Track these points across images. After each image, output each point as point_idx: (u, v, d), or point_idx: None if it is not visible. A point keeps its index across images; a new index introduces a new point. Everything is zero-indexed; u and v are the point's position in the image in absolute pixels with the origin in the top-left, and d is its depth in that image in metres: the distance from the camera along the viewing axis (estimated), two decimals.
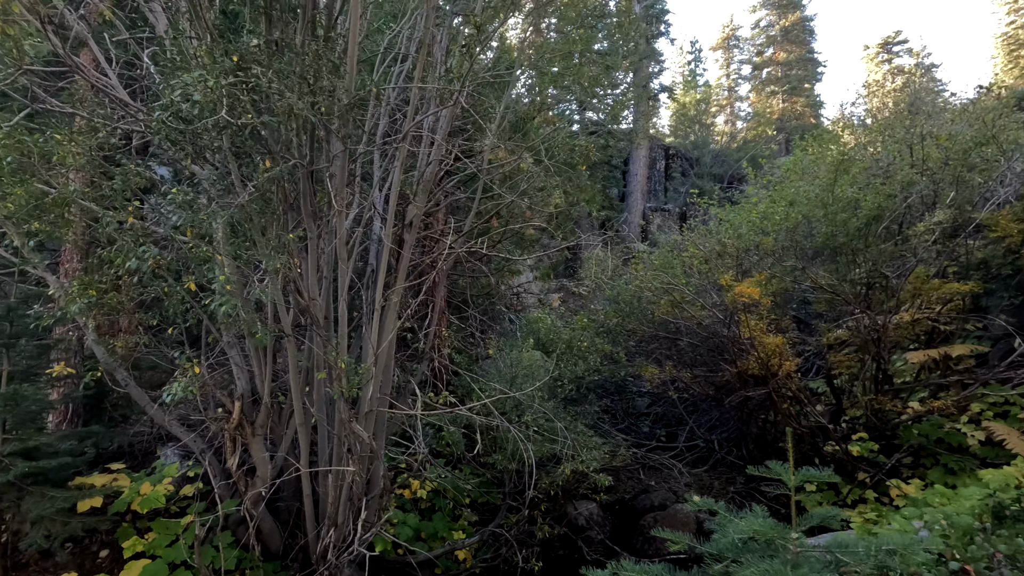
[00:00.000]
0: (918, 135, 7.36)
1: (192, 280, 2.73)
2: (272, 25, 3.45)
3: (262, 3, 3.27)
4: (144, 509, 3.81)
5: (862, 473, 6.05)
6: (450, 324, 9.12)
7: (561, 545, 6.37)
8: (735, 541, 2.02)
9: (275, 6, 3.32)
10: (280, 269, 2.95)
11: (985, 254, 5.90)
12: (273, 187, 2.93)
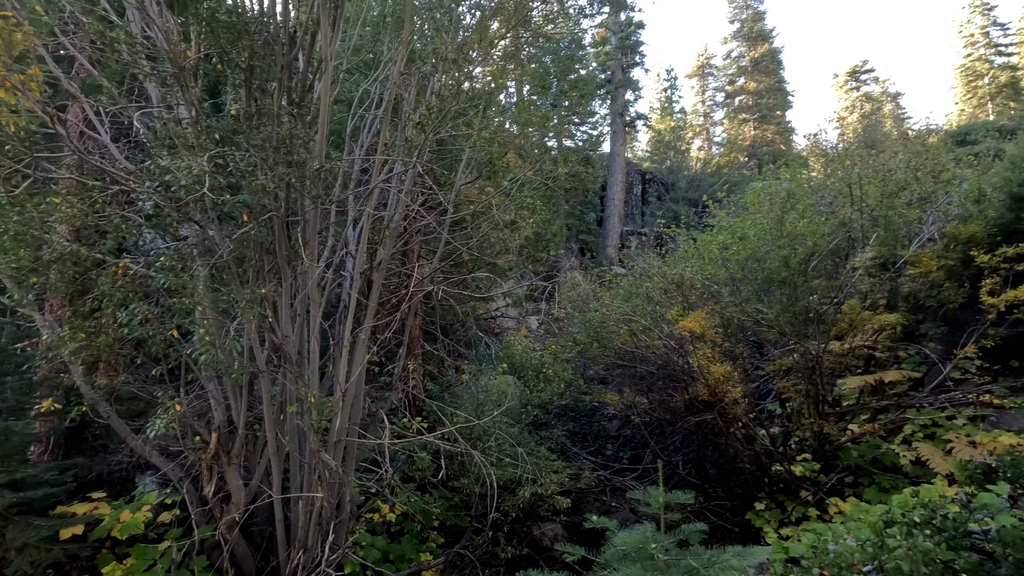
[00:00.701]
0: (856, 175, 8.00)
1: (174, 327, 3.08)
2: (252, 94, 3.88)
3: (243, 77, 3.70)
4: (123, 536, 4.08)
5: (805, 492, 6.49)
6: (424, 352, 9.47)
7: (525, 564, 6.67)
8: (618, 552, 2.41)
9: (255, 81, 3.74)
10: (253, 319, 3.32)
11: (911, 288, 6.46)
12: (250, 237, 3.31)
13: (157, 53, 3.68)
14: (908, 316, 6.80)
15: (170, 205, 2.78)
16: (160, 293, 3.02)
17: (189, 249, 3.18)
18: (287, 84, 4.09)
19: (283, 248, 4.23)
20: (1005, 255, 5.78)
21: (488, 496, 5.55)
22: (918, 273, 6.37)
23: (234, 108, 4.02)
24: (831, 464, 6.82)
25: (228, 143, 3.16)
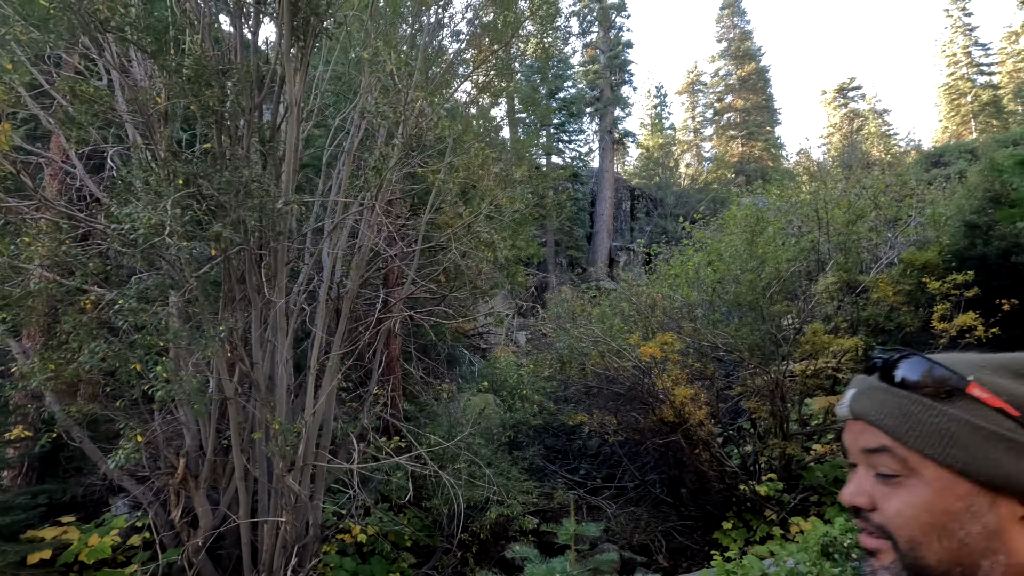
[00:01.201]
0: (822, 200, 8.26)
1: (137, 362, 3.23)
2: (220, 135, 4.08)
3: (214, 119, 3.90)
4: (91, 560, 4.19)
5: (769, 511, 6.65)
6: (405, 373, 9.61)
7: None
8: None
9: (224, 122, 3.94)
10: (212, 356, 3.48)
11: (870, 312, 6.68)
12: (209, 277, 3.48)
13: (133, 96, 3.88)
14: (868, 339, 7.01)
15: (130, 251, 2.96)
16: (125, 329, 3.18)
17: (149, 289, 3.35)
18: (257, 124, 4.30)
19: (253, 278, 4.40)
20: (955, 281, 6.01)
21: (455, 517, 5.68)
22: (876, 298, 6.59)
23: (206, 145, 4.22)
24: (796, 484, 6.99)
25: (192, 185, 3.35)
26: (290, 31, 3.57)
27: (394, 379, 9.25)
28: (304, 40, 3.70)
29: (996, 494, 0.57)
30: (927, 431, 0.60)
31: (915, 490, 0.60)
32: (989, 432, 0.58)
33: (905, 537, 0.60)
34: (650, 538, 7.17)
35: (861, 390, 0.69)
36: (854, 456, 0.67)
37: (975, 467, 0.57)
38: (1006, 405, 0.59)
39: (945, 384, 0.61)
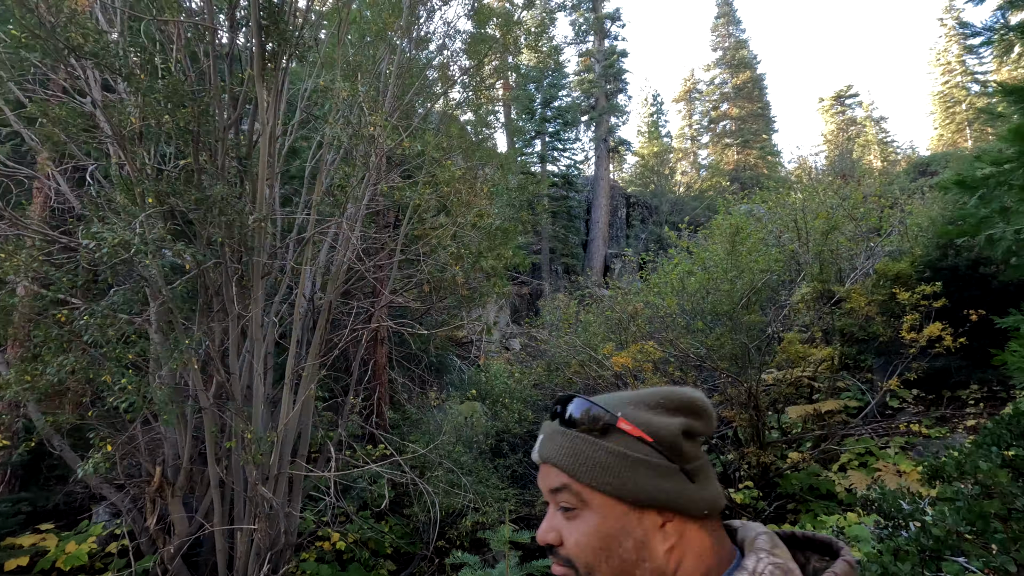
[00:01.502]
0: (800, 211, 8.38)
1: (106, 374, 3.35)
2: (199, 151, 4.22)
3: (190, 137, 4.04)
4: (67, 567, 4.29)
5: (746, 518, 6.72)
6: (391, 380, 9.71)
7: None
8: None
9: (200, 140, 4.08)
10: (179, 368, 3.60)
11: (844, 323, 6.78)
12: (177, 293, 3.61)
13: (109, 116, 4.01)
14: (843, 349, 7.11)
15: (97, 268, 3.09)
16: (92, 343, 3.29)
17: (115, 304, 3.47)
18: (233, 142, 4.43)
19: (229, 289, 4.53)
20: (924, 292, 6.11)
21: (434, 524, 5.77)
22: (850, 308, 6.70)
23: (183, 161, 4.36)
24: (774, 492, 7.07)
25: (164, 203, 3.48)
26: (260, 56, 3.71)
27: (380, 387, 9.37)
28: (274, 63, 3.84)
29: (642, 510, 0.67)
30: (591, 464, 0.68)
31: (587, 520, 0.68)
32: (634, 459, 0.68)
33: (582, 563, 0.68)
34: None
35: (547, 436, 0.76)
36: (547, 497, 0.74)
37: (626, 490, 0.67)
38: (644, 434, 0.69)
39: (599, 421, 0.70)
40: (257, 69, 3.80)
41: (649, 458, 0.68)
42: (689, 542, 0.67)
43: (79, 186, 5.44)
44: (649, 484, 0.67)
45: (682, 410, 0.72)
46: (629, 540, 0.66)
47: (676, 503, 0.67)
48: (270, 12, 3.67)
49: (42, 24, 2.98)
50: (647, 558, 0.66)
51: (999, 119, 3.84)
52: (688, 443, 0.70)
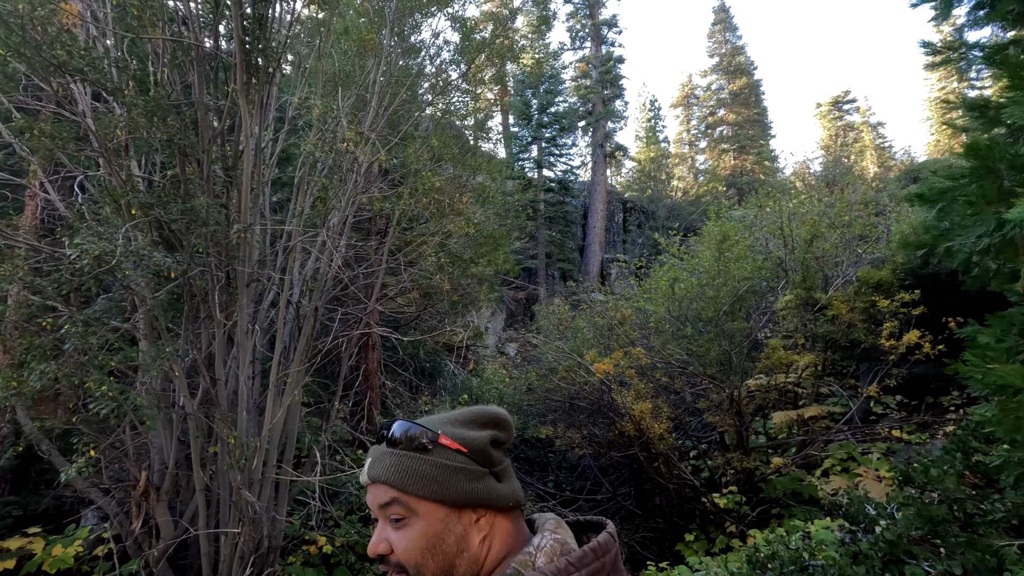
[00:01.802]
0: (786, 218, 8.48)
1: (90, 380, 3.44)
2: (185, 162, 4.32)
3: (176, 149, 4.14)
4: (53, 570, 4.37)
5: (729, 523, 6.79)
6: (383, 386, 9.79)
7: None
8: None
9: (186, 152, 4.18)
10: (158, 375, 3.69)
11: (826, 330, 6.87)
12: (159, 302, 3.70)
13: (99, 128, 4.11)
14: (826, 355, 7.20)
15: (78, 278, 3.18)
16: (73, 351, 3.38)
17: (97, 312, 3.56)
18: (219, 154, 4.54)
19: (214, 299, 4.62)
20: (903, 300, 6.20)
21: None
22: (832, 315, 6.78)
23: (169, 172, 4.46)
24: (758, 497, 7.14)
25: (148, 214, 3.57)
26: (243, 71, 3.81)
27: (371, 393, 9.44)
28: (257, 78, 3.94)
29: (461, 510, 0.81)
30: (418, 477, 0.80)
31: (416, 526, 0.80)
32: (454, 468, 0.81)
33: (413, 564, 0.79)
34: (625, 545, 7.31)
35: (375, 458, 0.85)
36: (376, 513, 0.85)
37: (447, 495, 0.79)
38: (461, 447, 0.82)
39: (422, 439, 0.82)
40: (240, 84, 3.91)
41: (466, 466, 0.82)
42: (497, 530, 0.82)
43: (70, 195, 5.54)
44: (467, 487, 0.80)
45: (490, 424, 0.88)
46: (452, 536, 0.79)
47: (488, 500, 0.82)
48: (253, 28, 3.77)
49: (26, 42, 3.08)
50: (466, 548, 0.80)
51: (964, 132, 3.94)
52: (495, 450, 0.86)
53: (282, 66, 4.01)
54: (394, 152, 5.69)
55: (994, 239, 3.01)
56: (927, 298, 6.58)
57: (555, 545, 0.80)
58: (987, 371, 2.54)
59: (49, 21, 3.18)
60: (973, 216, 2.88)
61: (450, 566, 0.79)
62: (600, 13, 30.23)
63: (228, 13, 3.68)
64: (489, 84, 6.78)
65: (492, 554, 0.81)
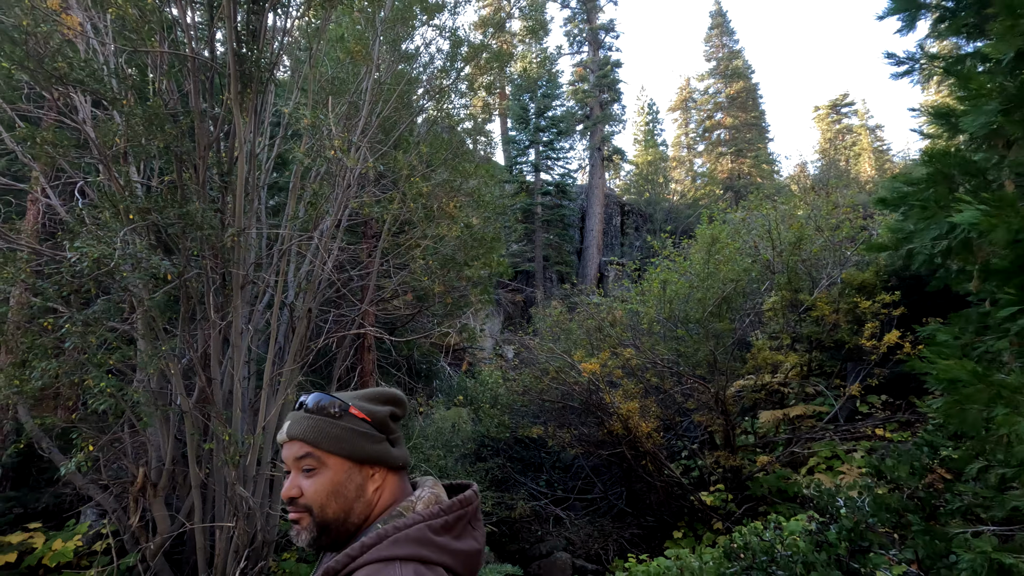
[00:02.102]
0: (774, 221, 8.63)
1: (89, 378, 3.58)
2: (182, 168, 4.47)
3: (173, 156, 4.30)
4: (53, 563, 4.51)
5: (716, 520, 6.92)
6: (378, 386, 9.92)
7: None
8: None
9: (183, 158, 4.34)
10: (154, 373, 3.84)
11: (810, 331, 7.01)
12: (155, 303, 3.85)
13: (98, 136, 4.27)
14: (812, 356, 7.34)
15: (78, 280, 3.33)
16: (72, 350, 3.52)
17: (95, 313, 3.71)
18: (215, 159, 4.70)
19: (210, 298, 4.77)
20: (883, 301, 6.34)
21: None
22: (816, 316, 6.92)
23: (166, 178, 4.62)
24: (743, 494, 7.26)
25: (144, 218, 3.73)
26: (237, 81, 3.97)
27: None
28: (251, 87, 4.10)
29: (361, 465, 1.03)
30: (331, 437, 1.01)
31: (325, 475, 1.01)
32: (359, 432, 1.03)
33: (318, 504, 0.99)
34: (603, 547, 7.44)
35: (293, 421, 1.05)
36: (290, 465, 1.04)
37: (352, 452, 1.02)
38: (366, 416, 1.05)
39: (335, 408, 1.04)
40: (234, 93, 4.06)
41: (369, 432, 1.05)
42: (388, 484, 1.06)
43: (71, 199, 5.70)
44: (368, 448, 1.03)
45: (389, 401, 1.11)
46: (352, 485, 1.02)
47: (383, 460, 1.04)
48: (247, 40, 3.93)
49: (29, 55, 3.24)
50: (362, 495, 1.02)
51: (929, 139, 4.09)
52: (392, 423, 1.09)
53: (275, 76, 4.17)
54: (386, 158, 5.85)
55: (952, 241, 3.16)
56: (909, 299, 6.73)
57: (431, 496, 1.03)
58: (937, 366, 2.68)
59: (50, 35, 3.34)
60: (927, 220, 3.03)
61: (348, 508, 1.00)
62: (597, 18, 30.48)
63: (222, 25, 3.84)
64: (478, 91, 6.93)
65: (382, 502, 1.03)
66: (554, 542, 7.72)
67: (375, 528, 0.98)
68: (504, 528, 8.30)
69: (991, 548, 2.40)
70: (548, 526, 8.71)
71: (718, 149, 36.74)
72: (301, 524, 1.00)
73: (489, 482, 7.86)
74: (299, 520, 1.00)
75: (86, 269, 2.98)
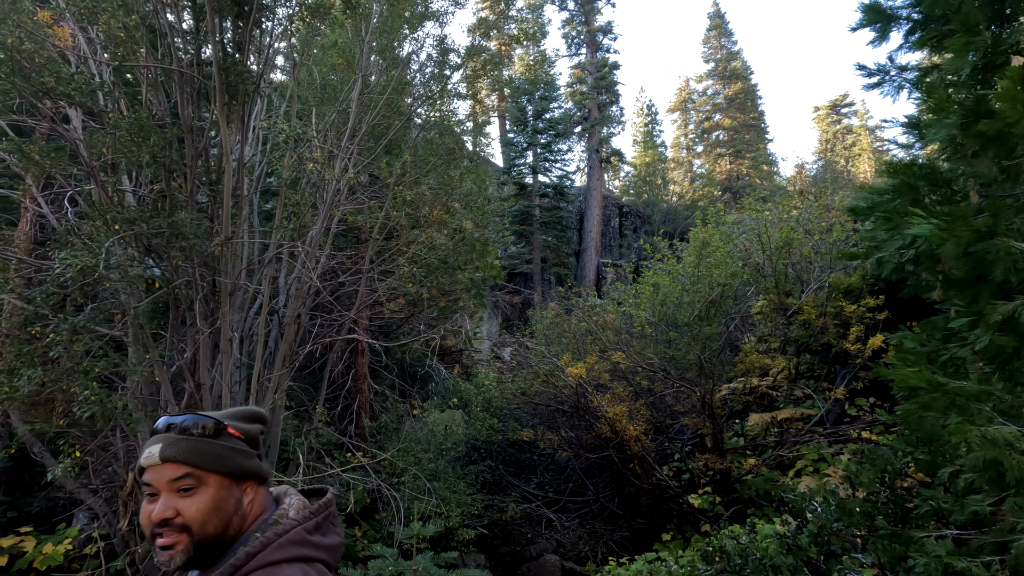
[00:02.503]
0: (764, 224, 8.68)
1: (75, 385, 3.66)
2: (172, 177, 4.56)
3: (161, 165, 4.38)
4: (43, 566, 4.59)
5: (704, 523, 6.98)
6: (373, 390, 10.00)
7: None
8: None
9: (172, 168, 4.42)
10: (140, 380, 3.92)
11: (797, 334, 7.06)
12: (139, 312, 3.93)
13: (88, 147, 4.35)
14: (800, 359, 7.38)
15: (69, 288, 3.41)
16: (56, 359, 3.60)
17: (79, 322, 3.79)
18: (203, 168, 4.78)
19: (199, 305, 4.85)
20: (868, 305, 6.40)
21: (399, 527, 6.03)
22: (803, 320, 6.98)
23: (155, 187, 4.70)
24: (731, 496, 7.32)
25: (130, 229, 3.81)
26: (222, 94, 4.05)
27: (361, 397, 9.66)
28: (237, 99, 4.18)
29: (240, 481, 1.10)
30: (211, 456, 1.06)
31: (205, 493, 1.04)
32: (236, 450, 1.10)
33: (199, 523, 1.02)
34: (593, 550, 7.50)
35: (168, 443, 1.06)
36: (162, 487, 1.03)
37: (231, 469, 1.08)
38: (241, 435, 1.13)
39: (213, 428, 1.09)
40: (219, 104, 4.14)
41: (244, 449, 1.12)
42: (258, 496, 1.14)
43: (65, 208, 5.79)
44: (246, 464, 1.11)
45: (256, 420, 1.20)
46: (232, 500, 1.07)
47: (256, 474, 1.13)
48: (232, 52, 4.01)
49: (14, 71, 3.32)
50: (239, 509, 1.09)
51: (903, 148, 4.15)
52: (260, 439, 1.19)
53: (261, 88, 4.25)
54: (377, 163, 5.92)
55: (919, 250, 3.23)
56: (895, 303, 6.77)
57: (299, 503, 1.15)
58: (896, 374, 2.74)
59: (37, 52, 3.42)
60: (890, 231, 3.09)
61: (227, 523, 1.06)
62: (595, 20, 30.55)
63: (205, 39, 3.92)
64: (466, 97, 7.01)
65: (254, 512, 1.11)
66: (545, 544, 7.78)
67: (253, 537, 1.04)
68: (496, 530, 8.36)
69: (945, 552, 2.46)
70: (541, 528, 8.78)
71: (716, 150, 36.78)
72: (176, 547, 1.01)
73: (480, 484, 7.93)
74: (174, 543, 1.01)
75: (70, 280, 3.05)
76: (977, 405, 2.58)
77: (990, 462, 2.29)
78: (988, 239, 2.35)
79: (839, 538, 2.90)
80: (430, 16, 5.43)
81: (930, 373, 2.58)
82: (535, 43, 29.16)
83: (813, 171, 41.86)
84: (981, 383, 2.67)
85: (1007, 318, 2.34)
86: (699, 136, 38.28)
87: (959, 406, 2.47)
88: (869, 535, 3.23)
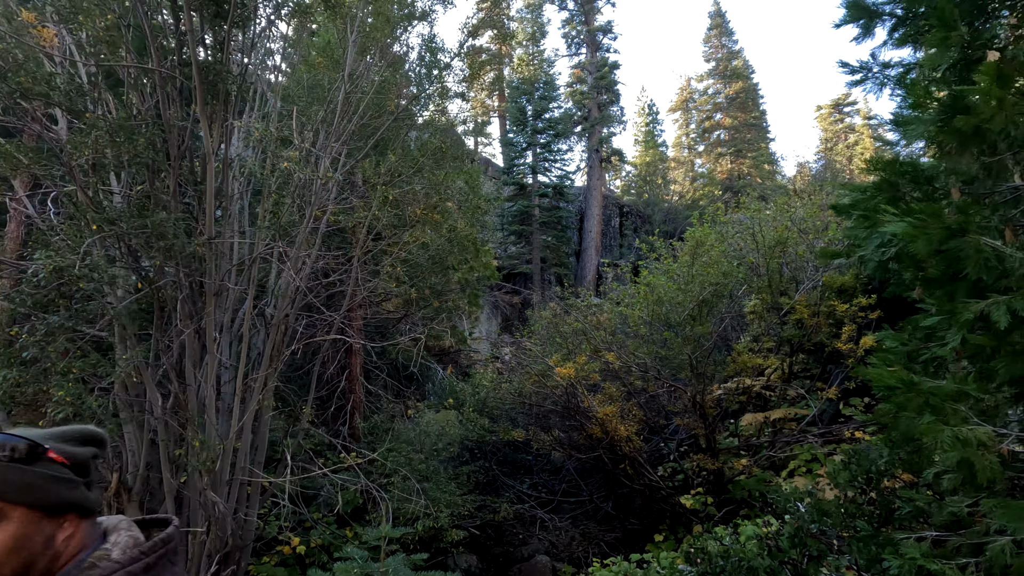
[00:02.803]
0: (758, 224, 8.63)
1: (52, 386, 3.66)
2: (155, 176, 4.55)
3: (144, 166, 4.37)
4: None
5: (696, 523, 6.94)
6: (366, 390, 9.99)
7: None
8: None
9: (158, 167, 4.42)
10: (119, 380, 3.91)
11: (789, 333, 7.01)
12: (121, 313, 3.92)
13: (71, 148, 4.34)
14: (793, 359, 7.34)
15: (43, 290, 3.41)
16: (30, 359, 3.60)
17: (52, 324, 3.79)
18: (188, 167, 4.77)
19: (183, 308, 4.84)
20: (860, 304, 6.35)
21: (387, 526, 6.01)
22: (795, 320, 6.93)
23: (138, 187, 4.70)
24: (723, 496, 7.27)
25: (110, 229, 3.80)
26: (203, 95, 4.04)
27: (355, 397, 9.64)
28: (217, 99, 4.17)
29: (54, 515, 0.90)
30: (17, 486, 0.87)
31: (5, 529, 0.85)
32: (56, 478, 0.90)
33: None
34: (586, 551, 7.47)
35: None
36: None
37: (44, 501, 0.89)
38: (65, 460, 0.93)
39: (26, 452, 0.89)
40: (200, 105, 4.13)
41: (68, 476, 0.93)
42: (79, 531, 0.94)
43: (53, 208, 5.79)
44: (66, 495, 0.92)
45: (90, 441, 1.01)
46: (40, 537, 0.89)
47: (79, 506, 0.94)
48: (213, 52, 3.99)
49: None
50: (50, 547, 0.90)
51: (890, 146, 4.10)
52: (92, 463, 0.99)
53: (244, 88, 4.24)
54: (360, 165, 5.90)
55: (896, 248, 3.19)
56: (889, 303, 6.72)
57: (128, 539, 0.95)
58: (872, 373, 2.71)
59: (10, 52, 3.41)
60: (868, 229, 3.05)
61: (30, 564, 0.87)
62: (595, 19, 30.50)
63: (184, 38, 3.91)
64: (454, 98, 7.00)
65: (70, 550, 0.92)
66: (537, 545, 7.75)
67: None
68: (490, 531, 8.34)
69: (920, 554, 2.42)
70: (534, 529, 8.75)
71: (718, 149, 36.67)
72: None
73: (473, 485, 7.90)
74: None
75: (43, 280, 3.05)
76: (953, 405, 2.54)
77: (962, 463, 2.25)
78: (960, 236, 2.32)
79: (815, 540, 2.86)
80: (416, 16, 5.41)
81: (906, 372, 2.55)
82: (534, 43, 29.13)
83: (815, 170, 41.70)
84: (958, 382, 2.63)
85: (979, 316, 2.31)
86: (700, 135, 38.17)
87: (933, 406, 2.43)
88: (848, 536, 3.19)
